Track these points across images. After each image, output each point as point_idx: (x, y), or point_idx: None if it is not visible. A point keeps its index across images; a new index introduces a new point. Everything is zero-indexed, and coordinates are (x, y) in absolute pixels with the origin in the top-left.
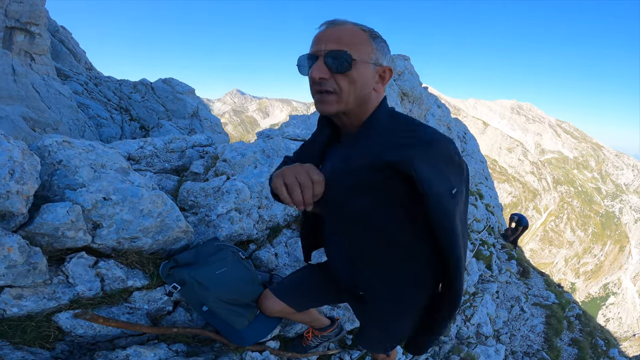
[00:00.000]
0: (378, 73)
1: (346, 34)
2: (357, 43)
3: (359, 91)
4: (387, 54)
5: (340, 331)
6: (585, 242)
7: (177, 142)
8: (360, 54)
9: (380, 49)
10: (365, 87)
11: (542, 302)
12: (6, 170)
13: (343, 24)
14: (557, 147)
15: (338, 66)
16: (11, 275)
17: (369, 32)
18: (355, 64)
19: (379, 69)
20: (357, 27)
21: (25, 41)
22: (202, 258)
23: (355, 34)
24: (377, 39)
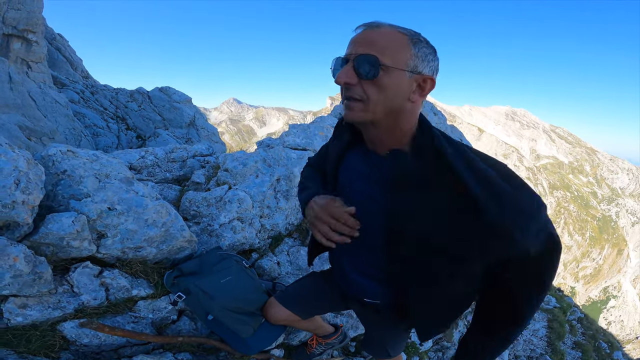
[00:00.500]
0: (417, 82)
1: (381, 37)
2: (391, 47)
3: (389, 101)
4: (430, 62)
5: (344, 338)
6: (584, 246)
7: (178, 152)
8: (393, 60)
9: (422, 55)
10: (396, 96)
11: (544, 306)
12: (12, 180)
13: (380, 26)
14: (552, 153)
15: (366, 72)
16: (16, 285)
17: (409, 35)
18: (385, 71)
19: (417, 77)
20: (396, 30)
21: (22, 49)
22: (206, 267)
23: (392, 37)
24: (419, 43)
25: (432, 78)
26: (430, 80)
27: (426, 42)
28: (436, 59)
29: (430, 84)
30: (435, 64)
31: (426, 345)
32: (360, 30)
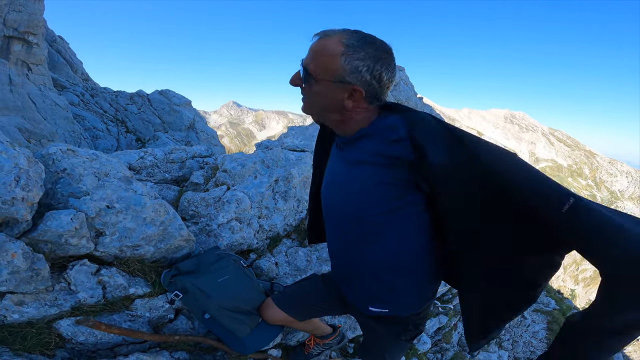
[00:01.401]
0: (347, 92)
1: (322, 49)
2: (324, 60)
3: (320, 104)
4: (361, 73)
5: (342, 339)
6: None
7: (177, 153)
8: (322, 72)
9: (350, 68)
10: (326, 101)
11: (543, 308)
12: (12, 177)
13: (329, 36)
14: (551, 156)
15: (303, 80)
16: (14, 281)
17: (347, 46)
18: (315, 80)
19: (347, 87)
20: (339, 39)
21: (22, 51)
22: (203, 266)
23: (330, 48)
24: (353, 55)
25: (359, 89)
26: (356, 90)
27: (368, 51)
28: (374, 70)
29: (358, 94)
30: (370, 75)
31: (425, 346)
32: (315, 38)
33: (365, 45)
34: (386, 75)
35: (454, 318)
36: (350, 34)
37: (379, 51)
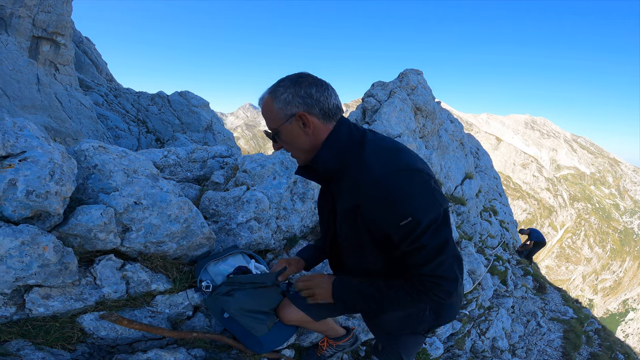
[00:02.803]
0: (297, 121)
1: (263, 110)
2: (269, 115)
3: (297, 146)
4: (291, 101)
5: (355, 341)
6: (604, 258)
7: (199, 152)
8: (274, 122)
9: (283, 104)
10: (297, 139)
11: (560, 317)
12: (47, 171)
13: (261, 100)
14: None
15: (274, 139)
16: (43, 275)
17: (271, 94)
18: (279, 131)
19: (295, 119)
20: (266, 97)
21: (50, 51)
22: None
23: (266, 105)
24: (278, 96)
25: (301, 113)
26: (301, 115)
27: (285, 85)
28: (298, 91)
29: (303, 117)
30: (300, 96)
31: (437, 352)
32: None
33: (281, 82)
34: (312, 89)
35: (467, 324)
36: (272, 86)
37: (293, 79)
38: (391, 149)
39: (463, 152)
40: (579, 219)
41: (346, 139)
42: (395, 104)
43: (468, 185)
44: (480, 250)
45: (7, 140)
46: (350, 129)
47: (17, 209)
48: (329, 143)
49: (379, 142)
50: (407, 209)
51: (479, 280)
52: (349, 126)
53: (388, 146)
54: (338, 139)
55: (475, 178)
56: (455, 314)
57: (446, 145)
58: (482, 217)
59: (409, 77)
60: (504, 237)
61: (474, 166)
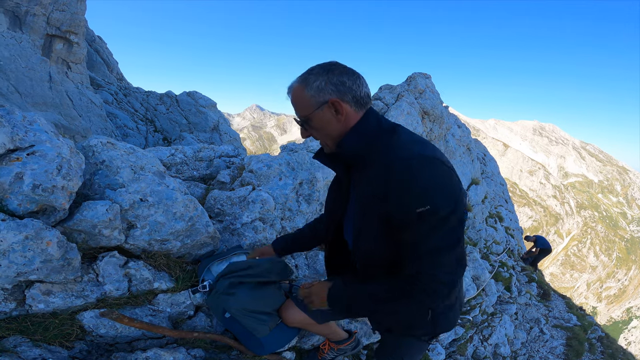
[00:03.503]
0: (329, 108)
1: (294, 99)
2: (300, 103)
3: (327, 133)
4: (324, 89)
5: (357, 345)
6: (609, 266)
7: (206, 152)
8: (305, 110)
9: (315, 91)
10: (328, 127)
11: (563, 324)
12: (54, 165)
13: (291, 88)
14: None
15: (303, 127)
16: (45, 270)
17: (301, 82)
18: (309, 118)
19: (327, 106)
20: (296, 85)
21: (63, 49)
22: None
23: (297, 93)
24: (309, 83)
25: (335, 100)
26: (334, 102)
27: (316, 72)
28: (330, 79)
29: (337, 104)
30: (333, 83)
31: (439, 357)
32: (288, 97)
33: (312, 70)
34: (344, 77)
35: (470, 330)
36: (302, 74)
37: (325, 66)
38: (425, 142)
39: (470, 157)
40: (586, 227)
41: (376, 126)
42: (403, 108)
43: (474, 191)
44: (485, 257)
45: (16, 134)
46: (380, 118)
47: (23, 202)
48: (357, 129)
49: (412, 134)
50: (430, 198)
51: (483, 286)
52: (377, 115)
53: (421, 140)
54: (368, 125)
55: (482, 184)
56: (456, 320)
57: (453, 150)
58: (487, 223)
59: (417, 80)
60: (509, 243)
61: (481, 172)
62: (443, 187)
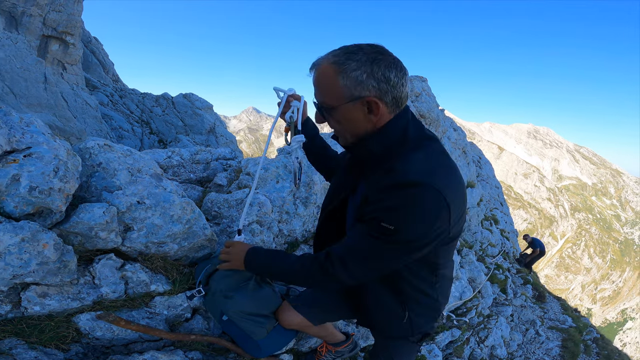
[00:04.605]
0: (364, 106)
1: (319, 79)
2: (327, 88)
3: (351, 130)
4: (365, 82)
5: (355, 347)
6: (603, 268)
7: (203, 154)
8: (332, 99)
9: (352, 82)
10: (354, 124)
11: (559, 325)
12: (51, 167)
13: (319, 66)
14: (575, 174)
15: (322, 114)
16: (41, 272)
17: (336, 65)
18: (333, 108)
19: (361, 102)
20: (328, 64)
21: (59, 50)
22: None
23: (325, 75)
24: (346, 70)
25: (373, 100)
26: (371, 101)
27: (360, 59)
28: (375, 72)
29: (374, 105)
30: (376, 79)
31: (436, 359)
32: (311, 73)
33: (353, 55)
34: (391, 72)
35: (466, 332)
36: (335, 53)
37: (370, 54)
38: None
39: (465, 160)
40: (580, 229)
41: (401, 134)
42: None
43: (469, 194)
44: (480, 259)
45: (13, 136)
46: (408, 125)
47: (19, 204)
48: (384, 132)
49: (431, 156)
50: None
51: (479, 289)
52: (408, 120)
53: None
54: (394, 131)
55: (477, 187)
56: (435, 321)
57: (449, 153)
58: (483, 225)
59: (414, 83)
60: (505, 246)
61: (476, 175)
62: (424, 222)
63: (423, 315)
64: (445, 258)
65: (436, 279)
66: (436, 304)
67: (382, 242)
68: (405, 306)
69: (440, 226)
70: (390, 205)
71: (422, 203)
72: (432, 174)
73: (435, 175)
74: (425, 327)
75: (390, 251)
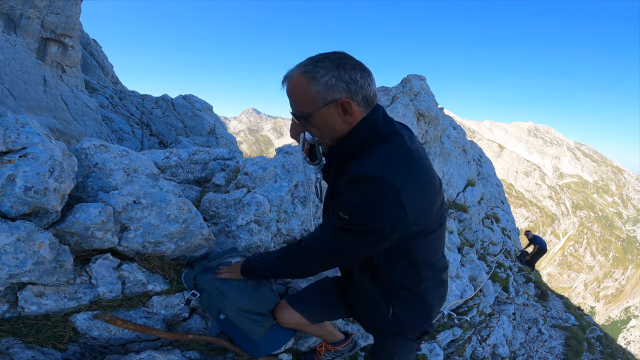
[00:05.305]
0: (338, 108)
1: (292, 90)
2: (300, 96)
3: (329, 134)
4: (334, 85)
5: (354, 347)
6: (606, 266)
7: (201, 154)
8: (308, 106)
9: (324, 87)
10: (332, 127)
11: (562, 324)
12: (47, 167)
13: (290, 77)
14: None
15: (302, 123)
16: (37, 272)
17: (307, 73)
18: (311, 116)
19: (335, 104)
20: (298, 74)
21: (58, 53)
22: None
23: (297, 85)
24: (316, 77)
25: (346, 100)
26: (345, 102)
27: (327, 65)
28: (342, 75)
29: (347, 105)
30: (344, 81)
31: (437, 358)
32: (283, 86)
33: (319, 62)
34: (357, 74)
35: (468, 331)
36: (303, 63)
37: (335, 59)
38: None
39: (465, 159)
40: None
41: (371, 130)
42: (398, 110)
43: (470, 193)
44: (482, 257)
45: (9, 136)
46: (378, 122)
47: (15, 205)
48: (355, 132)
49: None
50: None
51: (481, 287)
52: (379, 117)
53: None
54: (363, 129)
55: (478, 185)
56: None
57: (448, 152)
58: (484, 224)
59: (412, 82)
60: (506, 244)
61: (477, 173)
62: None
63: (409, 312)
64: (428, 254)
65: (419, 277)
66: (424, 302)
67: (340, 231)
68: (388, 301)
69: (394, 218)
70: (347, 198)
71: (373, 196)
72: (387, 168)
73: (390, 168)
74: (418, 325)
75: (348, 240)
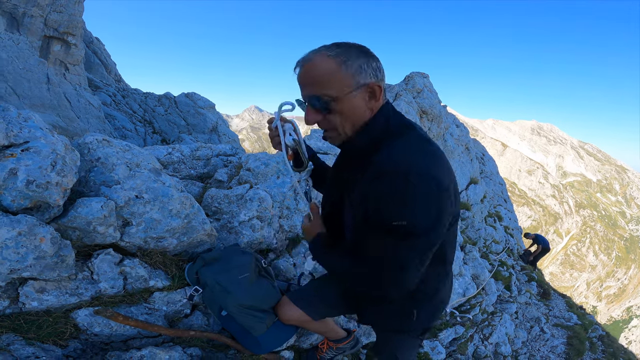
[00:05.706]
0: (367, 92)
1: (317, 72)
2: (328, 79)
3: (352, 120)
4: (366, 70)
5: (356, 344)
6: (609, 266)
7: (203, 150)
8: (337, 90)
9: (356, 70)
10: (356, 113)
11: (564, 323)
12: (49, 161)
13: (312, 59)
14: (580, 170)
15: (322, 108)
16: (38, 267)
17: (336, 57)
18: (336, 100)
19: (364, 89)
20: (325, 57)
21: (61, 51)
22: (225, 261)
23: (324, 67)
24: (349, 60)
25: (377, 84)
26: (376, 86)
27: (356, 51)
28: (370, 62)
29: (378, 89)
30: (372, 68)
31: (439, 356)
32: (298, 69)
33: (348, 49)
34: (379, 63)
35: (470, 329)
36: (327, 48)
37: (360, 48)
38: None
39: (468, 157)
40: (585, 226)
41: (384, 124)
42: (401, 107)
43: (473, 191)
44: (484, 256)
45: (11, 130)
46: (389, 116)
47: (17, 198)
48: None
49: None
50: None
51: (483, 285)
52: (389, 111)
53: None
54: (380, 120)
55: (481, 183)
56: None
57: (451, 149)
58: (486, 222)
59: (415, 80)
60: (509, 242)
61: (479, 172)
62: (427, 207)
63: (430, 311)
64: (452, 252)
65: (446, 274)
66: (440, 299)
67: (401, 241)
68: (416, 304)
69: (449, 211)
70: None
71: (426, 192)
72: (424, 162)
73: (426, 161)
74: (426, 323)
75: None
